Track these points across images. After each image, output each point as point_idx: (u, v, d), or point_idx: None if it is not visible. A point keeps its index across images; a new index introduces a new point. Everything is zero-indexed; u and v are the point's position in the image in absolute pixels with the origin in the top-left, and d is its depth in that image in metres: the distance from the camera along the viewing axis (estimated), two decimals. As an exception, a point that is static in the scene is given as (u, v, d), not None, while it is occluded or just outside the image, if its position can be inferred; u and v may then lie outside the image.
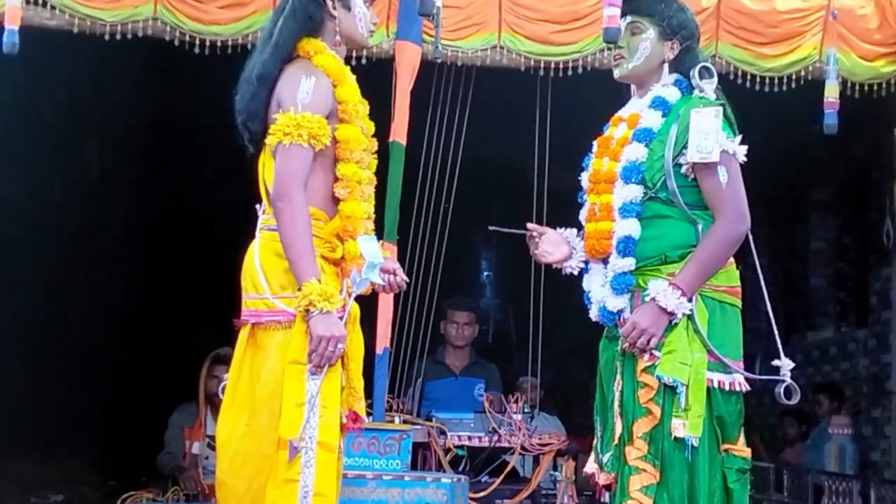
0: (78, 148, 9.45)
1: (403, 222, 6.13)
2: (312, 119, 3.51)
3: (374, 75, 6.00)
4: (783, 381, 3.75)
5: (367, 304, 5.72)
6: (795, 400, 3.76)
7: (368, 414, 5.71)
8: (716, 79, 3.85)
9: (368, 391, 5.73)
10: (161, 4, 5.99)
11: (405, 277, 3.84)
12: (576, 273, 4.02)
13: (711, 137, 3.67)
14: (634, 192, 3.78)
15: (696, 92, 3.82)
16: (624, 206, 3.78)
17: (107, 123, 9.16)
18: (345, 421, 3.61)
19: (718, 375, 3.70)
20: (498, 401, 6.15)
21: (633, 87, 4.03)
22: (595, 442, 3.92)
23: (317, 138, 3.51)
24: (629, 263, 3.77)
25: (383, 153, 5.80)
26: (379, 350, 5.87)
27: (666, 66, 3.91)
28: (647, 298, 3.69)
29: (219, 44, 6.05)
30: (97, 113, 8.86)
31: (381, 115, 3.85)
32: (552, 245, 4.03)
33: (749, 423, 10.62)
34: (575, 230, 4.06)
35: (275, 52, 3.65)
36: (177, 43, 6.07)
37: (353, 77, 3.74)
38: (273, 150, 3.56)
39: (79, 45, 6.25)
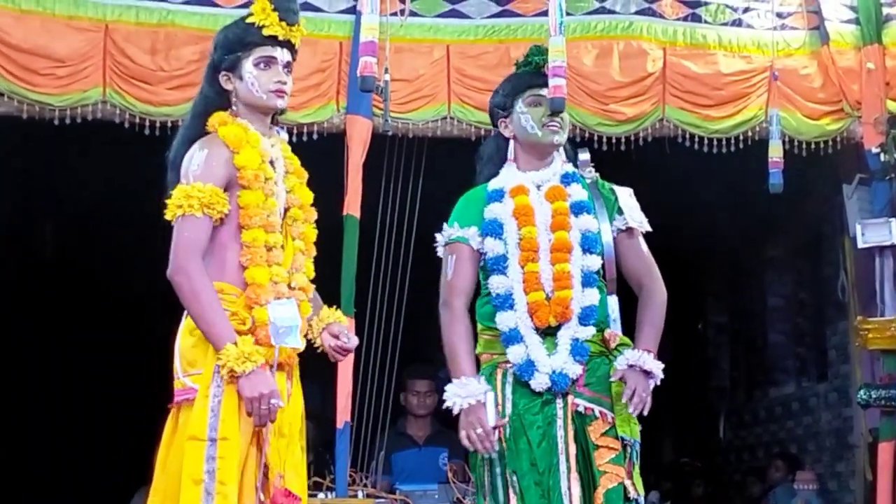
0: (34, 232, 9.40)
1: (361, 295, 6.12)
2: (204, 189, 3.47)
3: (326, 149, 6.02)
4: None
5: (327, 377, 5.68)
6: None
7: (330, 489, 5.68)
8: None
9: (326, 465, 5.70)
10: (110, 87, 6.00)
11: (347, 343, 3.71)
12: None
13: (638, 210, 4.04)
14: (596, 261, 3.91)
15: (586, 170, 4.07)
16: (587, 275, 3.88)
17: (62, 207, 9.10)
18: (263, 498, 3.45)
19: None
20: (461, 470, 6.11)
21: (518, 158, 4.09)
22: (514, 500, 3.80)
23: (210, 206, 3.47)
24: (591, 332, 3.86)
25: (338, 226, 5.83)
26: (340, 424, 5.83)
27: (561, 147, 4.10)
28: (623, 365, 3.77)
29: (169, 125, 6.04)
30: (52, 197, 8.80)
31: (334, 189, 3.86)
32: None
33: (714, 481, 10.50)
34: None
35: (183, 133, 3.70)
36: (127, 125, 6.08)
37: (273, 144, 3.68)
38: (172, 225, 3.52)
39: (31, 130, 6.23)
